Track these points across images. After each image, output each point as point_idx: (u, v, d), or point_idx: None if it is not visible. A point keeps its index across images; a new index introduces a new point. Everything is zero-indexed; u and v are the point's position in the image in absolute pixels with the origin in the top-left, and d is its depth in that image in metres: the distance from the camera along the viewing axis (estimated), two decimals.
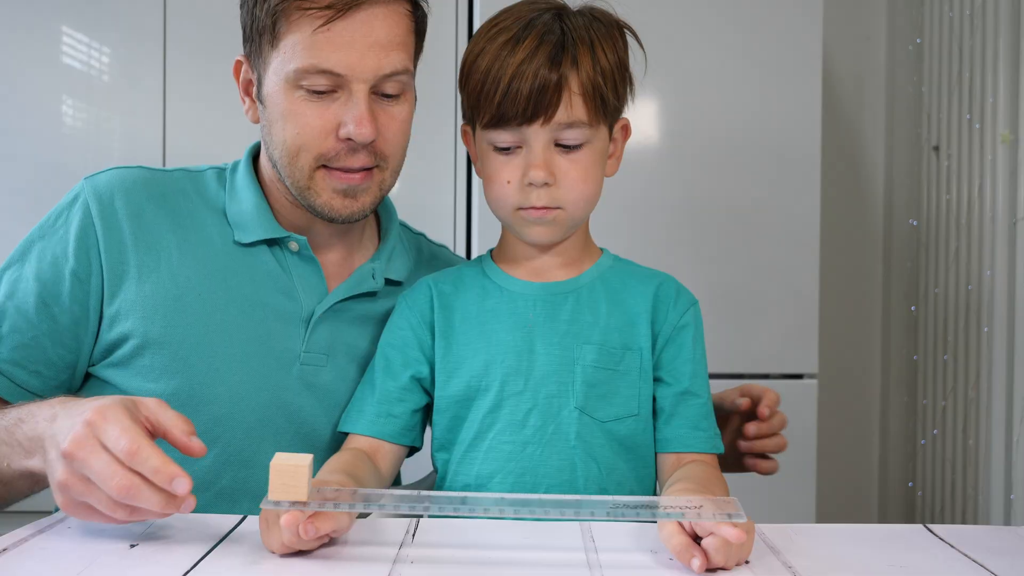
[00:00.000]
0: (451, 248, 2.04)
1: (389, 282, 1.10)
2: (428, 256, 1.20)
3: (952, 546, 0.78)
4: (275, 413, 1.01)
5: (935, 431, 2.20)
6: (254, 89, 1.03)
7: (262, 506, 0.72)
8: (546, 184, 0.91)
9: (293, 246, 1.05)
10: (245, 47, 1.02)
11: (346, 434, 1.00)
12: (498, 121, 0.91)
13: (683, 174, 1.94)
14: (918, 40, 2.30)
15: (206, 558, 0.72)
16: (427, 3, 1.03)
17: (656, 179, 1.93)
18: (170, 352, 0.98)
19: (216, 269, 1.02)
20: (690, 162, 1.94)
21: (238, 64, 1.04)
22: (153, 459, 0.70)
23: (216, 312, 1.01)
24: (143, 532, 0.78)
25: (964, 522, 2.07)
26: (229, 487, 1.01)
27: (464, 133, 1.00)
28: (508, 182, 0.93)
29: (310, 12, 0.93)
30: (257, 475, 0.99)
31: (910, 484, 2.32)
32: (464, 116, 0.99)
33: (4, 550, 0.73)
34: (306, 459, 0.71)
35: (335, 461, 0.92)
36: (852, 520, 2.45)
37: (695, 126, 1.94)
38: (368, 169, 1.00)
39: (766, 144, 1.94)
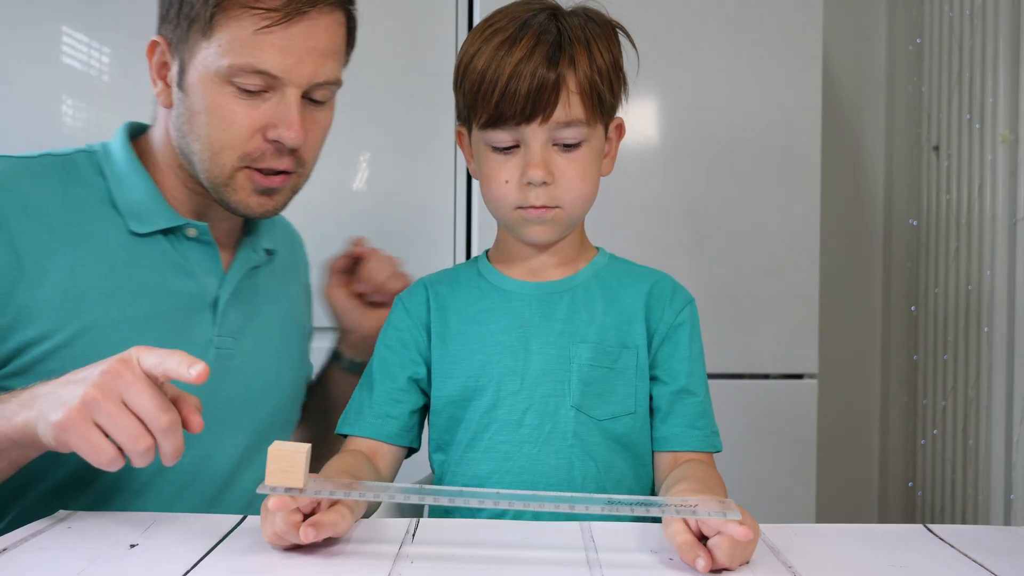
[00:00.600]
0: (451, 248, 2.05)
1: (266, 252, 1.12)
2: (280, 226, 1.21)
3: (952, 546, 0.78)
4: None
5: (935, 431, 2.20)
6: (170, 73, 0.99)
7: (259, 491, 0.72)
8: (544, 183, 0.92)
9: (191, 232, 1.03)
10: (163, 28, 0.99)
11: (336, 439, 1.00)
12: (496, 121, 0.91)
13: (683, 174, 1.94)
14: (918, 40, 2.30)
15: (206, 558, 0.72)
16: (357, 11, 1.03)
17: (656, 179, 1.93)
18: (78, 353, 0.91)
19: (117, 263, 0.98)
20: (690, 162, 1.94)
21: (153, 44, 1.00)
22: (177, 356, 0.75)
23: (126, 307, 0.97)
24: (143, 532, 0.78)
25: (964, 522, 2.07)
26: (158, 479, 0.98)
27: (459, 135, 1.00)
28: (506, 182, 0.93)
29: (255, 12, 0.92)
30: (184, 465, 0.93)
31: (910, 484, 2.32)
32: (459, 117, 0.99)
33: (4, 550, 0.72)
34: (304, 447, 0.72)
35: (336, 463, 0.92)
36: (852, 520, 2.45)
37: (695, 126, 1.94)
38: (288, 174, 1.00)
39: (766, 144, 1.93)
